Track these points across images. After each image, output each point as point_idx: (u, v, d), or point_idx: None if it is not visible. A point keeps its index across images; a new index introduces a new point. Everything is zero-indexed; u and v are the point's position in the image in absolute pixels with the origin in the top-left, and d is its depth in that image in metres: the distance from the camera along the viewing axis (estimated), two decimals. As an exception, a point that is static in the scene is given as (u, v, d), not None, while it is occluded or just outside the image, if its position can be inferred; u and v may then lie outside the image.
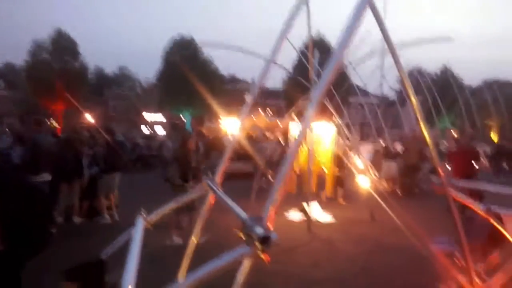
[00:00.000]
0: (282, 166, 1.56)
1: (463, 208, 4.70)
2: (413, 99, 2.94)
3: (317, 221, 8.08)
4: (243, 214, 1.56)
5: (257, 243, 1.32)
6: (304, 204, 7.99)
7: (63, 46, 32.28)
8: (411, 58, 39.91)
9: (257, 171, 9.64)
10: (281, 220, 8.14)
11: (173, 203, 2.63)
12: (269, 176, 9.99)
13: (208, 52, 34.23)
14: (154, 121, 44.24)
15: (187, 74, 18.98)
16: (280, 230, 5.60)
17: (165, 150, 14.02)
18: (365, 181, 10.36)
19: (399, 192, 11.90)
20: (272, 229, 1.39)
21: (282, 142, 12.19)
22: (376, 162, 13.30)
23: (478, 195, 6.48)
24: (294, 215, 8.47)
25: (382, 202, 8.15)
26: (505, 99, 33.43)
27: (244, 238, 1.38)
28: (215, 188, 2.27)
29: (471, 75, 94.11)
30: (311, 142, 8.00)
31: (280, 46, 2.62)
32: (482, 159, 15.44)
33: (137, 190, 10.73)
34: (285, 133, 11.72)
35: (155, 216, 2.62)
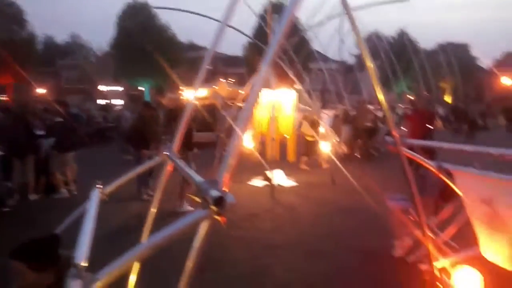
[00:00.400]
0: (234, 131, 1.53)
1: (417, 166, 4.92)
2: (369, 64, 2.97)
3: (281, 187, 8.23)
4: (198, 178, 1.53)
5: (212, 206, 1.30)
6: (268, 171, 8.09)
7: (7, 13, 29.95)
8: (369, 22, 40.20)
9: (219, 140, 9.60)
10: (245, 188, 8.22)
11: (130, 174, 2.56)
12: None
13: (164, 18, 32.92)
14: (111, 92, 42.63)
15: (143, 41, 18.19)
16: (244, 197, 5.71)
17: (123, 121, 13.59)
18: (326, 146, 10.60)
19: (357, 155, 12.27)
20: (227, 191, 1.38)
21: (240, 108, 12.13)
22: (335, 127, 13.61)
23: (431, 154, 6.80)
24: (258, 182, 8.57)
25: (341, 166, 8.42)
26: (458, 62, 34.75)
27: (199, 202, 1.36)
28: (171, 156, 2.22)
29: (426, 38, 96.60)
30: (273, 109, 8.00)
31: (233, 8, 2.52)
32: (437, 120, 16.17)
33: (95, 164, 10.43)
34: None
35: (111, 187, 2.55)
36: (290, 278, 4.19)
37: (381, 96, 3.15)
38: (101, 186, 2.52)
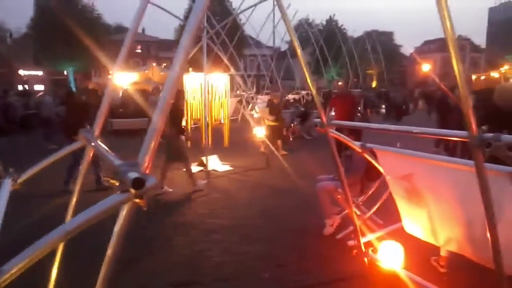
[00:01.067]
0: (154, 114, 1.46)
1: (345, 147, 5.12)
2: (299, 51, 3.01)
3: (216, 172, 8.19)
4: (117, 161, 1.43)
5: (131, 189, 1.23)
6: (203, 157, 8.01)
7: None
8: (300, 9, 41.04)
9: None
10: (179, 174, 8.06)
11: (46, 161, 2.36)
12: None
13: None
14: (32, 77, 39.35)
15: (64, 21, 16.91)
16: (179, 184, 5.58)
17: (44, 108, 12.62)
18: (260, 131, 10.70)
19: (291, 139, 12.58)
20: (148, 174, 1.31)
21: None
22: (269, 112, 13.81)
23: (357, 135, 7.15)
24: (193, 168, 8.44)
25: (274, 150, 8.58)
26: (383, 49, 36.75)
27: (117, 185, 1.27)
28: (90, 139, 2.08)
29: (355, 26, 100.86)
30: (205, 94, 7.88)
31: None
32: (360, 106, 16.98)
33: (14, 153, 9.62)
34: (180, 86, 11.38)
35: (25, 175, 2.36)
36: (226, 260, 4.21)
37: (309, 82, 3.23)
38: (13, 175, 2.32)
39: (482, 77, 25.69)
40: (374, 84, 36.30)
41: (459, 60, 1.91)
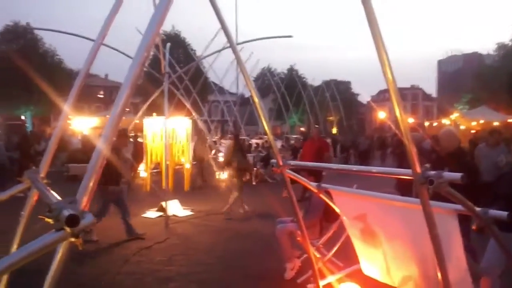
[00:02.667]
0: (94, 154, 1.45)
1: (304, 189, 5.15)
2: (256, 98, 3.11)
3: (176, 217, 7.97)
4: (54, 199, 1.38)
5: (65, 227, 1.18)
6: (163, 202, 7.81)
7: None
8: (263, 59, 42.54)
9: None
10: (139, 220, 7.79)
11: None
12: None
13: (50, 43, 30.61)
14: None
15: (23, 66, 16.60)
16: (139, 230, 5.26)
17: (-5, 155, 12.00)
18: (224, 175, 10.64)
19: (254, 183, 12.57)
20: (86, 211, 1.27)
21: (138, 139, 11.70)
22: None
23: (318, 177, 7.27)
24: (152, 214, 8.20)
25: (239, 194, 8.51)
26: (342, 97, 38.34)
27: (52, 223, 1.22)
28: (35, 180, 1.99)
29: (314, 75, 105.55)
30: (167, 137, 7.83)
31: (108, 26, 2.42)
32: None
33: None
34: (140, 130, 11.27)
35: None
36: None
37: (266, 127, 3.32)
38: None
39: (435, 124, 27.21)
40: (334, 131, 37.44)
41: (400, 107, 2.03)
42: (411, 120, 30.34)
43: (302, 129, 27.90)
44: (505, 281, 3.49)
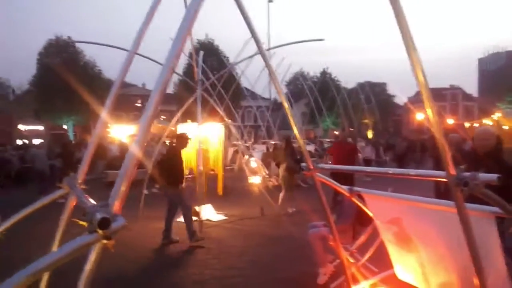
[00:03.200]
0: (126, 159, 1.52)
1: (336, 193, 5.08)
2: (285, 103, 3.12)
3: (210, 221, 8.08)
4: (88, 203, 1.45)
5: (98, 229, 1.24)
6: (196, 207, 7.94)
7: None
8: (295, 63, 42.51)
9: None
10: (175, 224, 7.96)
11: (26, 210, 2.37)
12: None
13: (90, 54, 32.02)
14: (32, 132, 39.80)
15: (65, 77, 17.46)
16: (177, 233, 5.43)
17: (38, 162, 12.64)
18: (256, 179, 10.69)
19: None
20: (117, 215, 1.33)
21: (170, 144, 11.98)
22: (265, 161, 13.93)
23: (350, 181, 7.16)
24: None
25: (269, 198, 8.55)
26: (377, 99, 37.57)
27: (86, 226, 1.28)
28: (73, 186, 2.10)
29: (348, 78, 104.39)
30: (200, 142, 7.96)
31: (141, 37, 2.52)
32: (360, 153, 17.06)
33: (10, 207, 9.52)
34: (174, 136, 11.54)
35: (6, 224, 2.37)
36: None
37: (296, 131, 3.33)
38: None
39: (475, 124, 26.13)
40: (370, 134, 36.72)
41: (433, 108, 1.99)
42: (450, 121, 29.32)
43: (336, 132, 27.55)
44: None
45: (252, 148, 16.06)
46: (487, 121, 25.35)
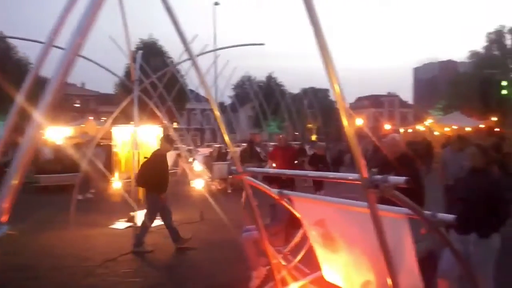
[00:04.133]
0: (14, 162, 1.39)
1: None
2: (216, 112, 3.07)
3: (146, 227, 7.81)
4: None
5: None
6: (133, 212, 7.66)
7: None
8: (244, 67, 42.77)
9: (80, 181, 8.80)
10: (106, 232, 7.61)
11: None
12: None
13: (24, 51, 30.05)
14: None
15: (-4, 75, 16.25)
16: (103, 243, 5.22)
17: None
18: (199, 183, 10.53)
19: (229, 191, 12.49)
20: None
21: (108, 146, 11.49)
22: (207, 164, 13.82)
23: (291, 184, 7.28)
24: (121, 224, 8.01)
25: (212, 201, 8.43)
26: (320, 105, 38.70)
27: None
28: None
29: (294, 83, 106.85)
30: (136, 146, 7.70)
31: (59, 28, 2.35)
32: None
33: None
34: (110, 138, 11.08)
35: None
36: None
37: (226, 137, 3.28)
38: None
39: (409, 130, 27.74)
40: (313, 137, 37.71)
41: (347, 116, 2.05)
42: (388, 126, 30.84)
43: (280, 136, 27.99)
44: (463, 284, 3.51)
45: (196, 151, 15.82)
46: (420, 127, 26.99)
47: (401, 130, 26.43)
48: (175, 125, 25.54)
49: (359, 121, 36.47)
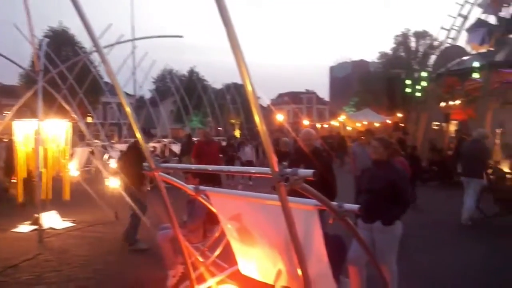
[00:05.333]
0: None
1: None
2: (127, 108, 2.87)
3: (53, 230, 7.21)
4: None
5: None
6: (37, 214, 7.00)
7: None
8: (162, 59, 41.46)
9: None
10: (8, 236, 6.89)
11: None
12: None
13: None
14: None
15: None
16: (3, 247, 4.66)
17: None
18: (114, 182, 9.98)
19: (149, 188, 12.04)
20: None
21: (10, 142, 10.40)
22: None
23: (217, 181, 7.21)
24: (25, 228, 7.30)
25: (130, 200, 8.03)
26: (242, 100, 39.05)
27: None
28: None
29: (215, 78, 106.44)
30: (41, 142, 7.03)
31: None
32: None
33: None
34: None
35: None
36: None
37: (138, 134, 3.11)
38: None
39: (325, 125, 29.21)
40: (237, 133, 37.95)
41: (259, 115, 2.02)
42: (306, 122, 32.12)
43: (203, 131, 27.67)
44: (370, 270, 3.75)
45: (111, 147, 14.96)
46: (335, 123, 28.51)
47: (318, 125, 27.75)
48: (89, 119, 23.98)
49: (280, 117, 37.54)
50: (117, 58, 18.29)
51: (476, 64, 14.40)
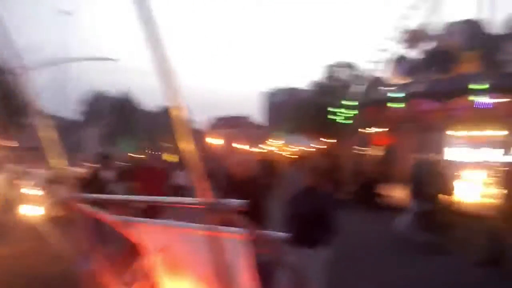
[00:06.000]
0: None
1: (101, 224, 4.71)
2: (43, 133, 2.68)
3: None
4: None
5: None
6: None
7: None
8: (95, 81, 39.93)
9: None
10: None
11: None
12: None
13: None
14: None
15: None
16: None
17: None
18: (33, 210, 9.24)
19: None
20: None
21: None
22: (50, 187, 12.25)
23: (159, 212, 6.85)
24: None
25: (48, 231, 7.43)
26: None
27: None
28: None
29: (149, 101, 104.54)
30: None
31: None
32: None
33: None
34: None
35: None
36: None
37: (53, 161, 2.91)
38: None
39: (261, 150, 29.70)
40: (168, 157, 37.07)
41: (190, 143, 2.05)
42: (242, 146, 32.44)
43: (131, 154, 26.76)
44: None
45: (30, 172, 13.74)
46: (270, 148, 29.10)
47: (254, 149, 28.13)
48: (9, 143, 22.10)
49: (219, 141, 37.54)
50: (50, 79, 17.30)
51: (397, 94, 15.60)
